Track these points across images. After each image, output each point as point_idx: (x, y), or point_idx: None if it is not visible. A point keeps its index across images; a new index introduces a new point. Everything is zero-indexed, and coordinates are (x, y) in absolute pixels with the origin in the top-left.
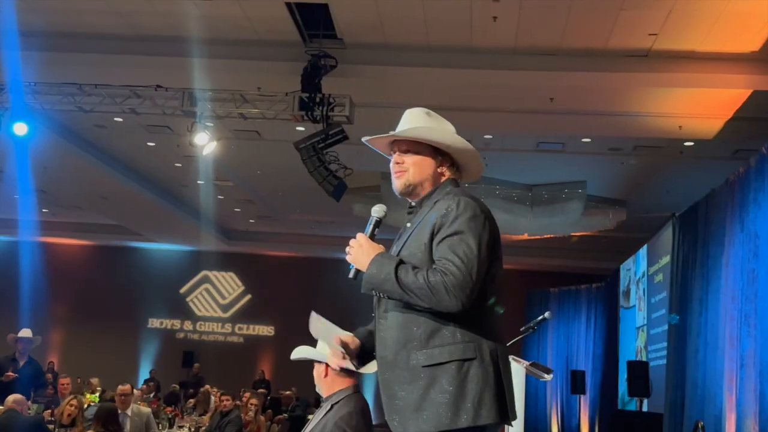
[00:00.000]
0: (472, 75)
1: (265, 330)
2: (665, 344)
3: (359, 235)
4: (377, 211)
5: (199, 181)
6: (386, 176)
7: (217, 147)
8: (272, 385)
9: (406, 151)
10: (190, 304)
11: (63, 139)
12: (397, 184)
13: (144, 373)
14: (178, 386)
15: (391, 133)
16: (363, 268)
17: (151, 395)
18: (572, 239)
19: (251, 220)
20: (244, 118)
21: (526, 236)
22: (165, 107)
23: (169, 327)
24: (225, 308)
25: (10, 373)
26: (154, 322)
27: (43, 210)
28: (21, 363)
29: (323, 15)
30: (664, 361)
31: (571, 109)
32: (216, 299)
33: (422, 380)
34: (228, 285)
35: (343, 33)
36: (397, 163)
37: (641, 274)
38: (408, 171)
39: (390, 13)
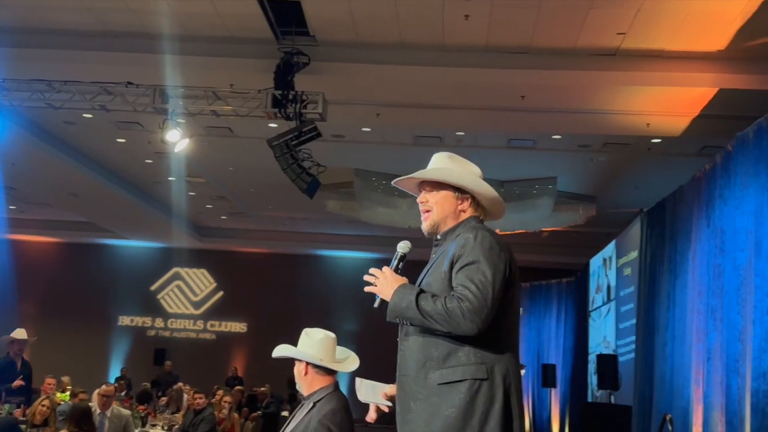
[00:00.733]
0: (443, 72)
1: (238, 327)
2: (634, 338)
3: (385, 268)
4: (402, 247)
5: (170, 178)
6: (360, 173)
7: (189, 144)
8: (245, 382)
9: (430, 191)
10: (161, 301)
11: (32, 136)
12: (424, 226)
13: (115, 371)
14: (149, 384)
15: (412, 174)
16: (387, 298)
17: (123, 393)
18: (543, 234)
19: (223, 217)
20: (217, 115)
21: (497, 232)
22: (136, 104)
23: (140, 324)
24: (197, 305)
25: (19, 381)
26: (125, 320)
27: (11, 207)
28: (18, 365)
29: (295, 12)
30: (633, 355)
31: (541, 107)
32: (188, 296)
33: (435, 396)
34: (200, 282)
35: (315, 30)
36: (422, 202)
37: (609, 267)
38: (432, 210)
39: (362, 11)
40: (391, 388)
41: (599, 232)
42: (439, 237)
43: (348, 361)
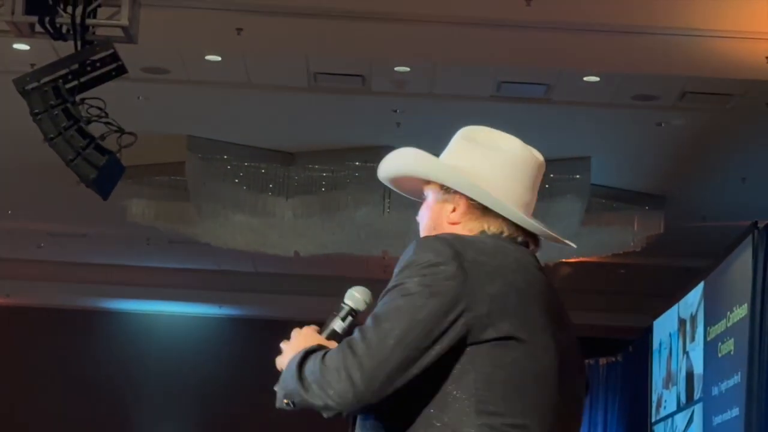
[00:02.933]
0: None
1: None
2: None
3: (308, 328)
4: (353, 297)
5: None
6: (198, 145)
7: None
8: None
9: (427, 196)
10: None
11: None
12: None
13: None
14: None
15: (385, 165)
16: (282, 366)
17: None
18: (561, 271)
19: None
20: None
21: None
22: None
23: None
24: None
25: None
26: None
27: None
28: None
29: None
30: None
31: (563, 21)
32: None
33: None
34: None
35: None
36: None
37: (692, 339)
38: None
39: None
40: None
41: (672, 268)
42: None
43: None
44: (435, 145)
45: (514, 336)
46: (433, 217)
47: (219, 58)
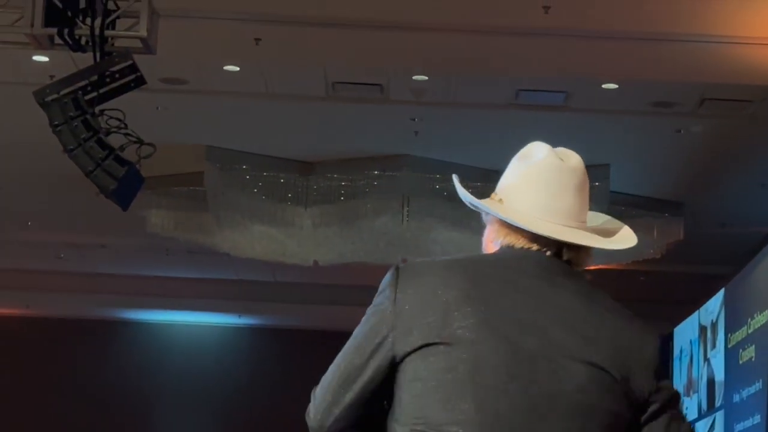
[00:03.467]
0: None
1: None
2: None
3: None
4: None
5: None
6: (216, 155)
7: None
8: None
9: None
10: None
11: None
12: None
13: None
14: None
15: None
16: None
17: None
18: None
19: None
20: None
21: None
22: None
23: None
24: None
25: None
26: None
27: None
28: None
29: None
30: None
31: (581, 29)
32: None
33: None
34: None
35: None
36: None
37: (712, 345)
38: None
39: None
40: None
41: (692, 275)
42: None
43: None
44: (453, 153)
45: (444, 341)
46: (483, 237)
47: (237, 68)
